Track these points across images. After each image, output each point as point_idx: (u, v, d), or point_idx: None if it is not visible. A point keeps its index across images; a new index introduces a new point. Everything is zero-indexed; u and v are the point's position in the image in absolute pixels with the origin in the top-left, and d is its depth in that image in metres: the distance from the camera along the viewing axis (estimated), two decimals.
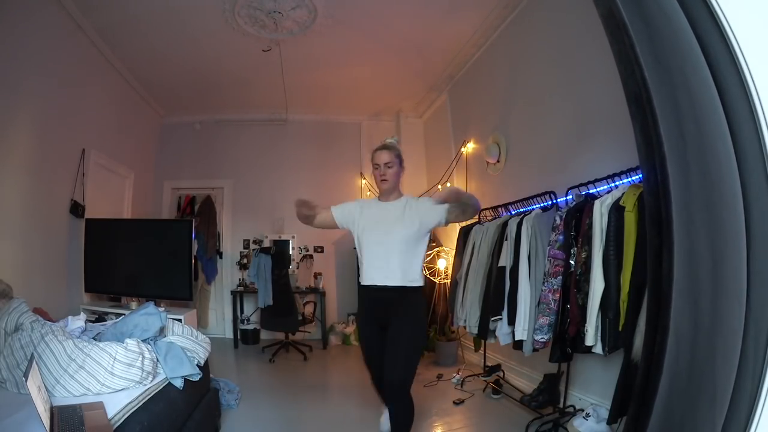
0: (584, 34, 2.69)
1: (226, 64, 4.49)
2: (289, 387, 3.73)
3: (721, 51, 0.92)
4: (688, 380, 0.91)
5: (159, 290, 3.78)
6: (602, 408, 2.36)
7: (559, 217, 2.42)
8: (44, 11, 3.18)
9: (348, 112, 5.93)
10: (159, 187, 5.75)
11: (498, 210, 3.47)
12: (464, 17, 3.76)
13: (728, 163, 0.89)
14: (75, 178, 3.70)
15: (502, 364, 3.57)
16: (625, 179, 2.22)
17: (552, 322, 2.38)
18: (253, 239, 5.81)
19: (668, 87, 0.91)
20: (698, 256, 0.89)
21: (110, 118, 4.40)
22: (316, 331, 5.42)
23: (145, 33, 3.86)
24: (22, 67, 2.99)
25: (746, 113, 0.91)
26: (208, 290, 5.70)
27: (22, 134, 3.08)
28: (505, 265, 2.77)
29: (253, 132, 5.97)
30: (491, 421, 2.88)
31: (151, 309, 2.26)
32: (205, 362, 2.41)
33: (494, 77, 4.01)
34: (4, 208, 2.90)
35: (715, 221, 0.89)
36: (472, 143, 4.44)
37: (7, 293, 2.25)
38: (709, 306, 0.89)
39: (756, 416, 0.91)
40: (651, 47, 0.92)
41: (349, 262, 5.79)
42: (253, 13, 3.62)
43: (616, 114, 2.31)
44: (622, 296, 1.97)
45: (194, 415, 2.16)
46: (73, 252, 3.74)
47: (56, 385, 1.71)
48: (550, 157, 3.16)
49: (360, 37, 4.04)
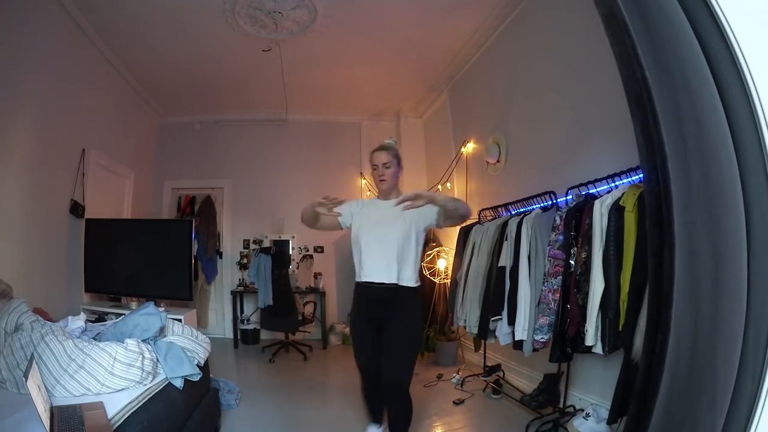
0: (585, 34, 2.69)
1: (226, 64, 4.49)
2: (289, 387, 3.73)
3: (721, 51, 0.92)
4: (688, 380, 0.91)
5: (159, 290, 3.78)
6: (602, 408, 2.36)
7: (559, 217, 2.42)
8: (44, 11, 3.18)
9: (348, 112, 5.93)
10: (159, 187, 5.74)
11: (498, 210, 3.47)
12: (464, 17, 3.76)
13: (728, 163, 0.90)
14: (75, 178, 3.70)
15: (502, 364, 3.58)
16: (625, 179, 2.22)
17: (552, 322, 2.38)
18: (253, 239, 5.81)
19: (669, 87, 0.91)
20: (699, 257, 0.90)
21: (110, 118, 4.40)
22: (316, 331, 5.42)
23: (145, 33, 3.86)
24: (22, 66, 2.99)
25: (746, 113, 0.91)
26: (208, 290, 5.70)
27: (22, 134, 3.08)
28: (505, 265, 2.77)
29: (252, 132, 5.97)
30: (491, 421, 2.88)
31: (151, 309, 2.26)
32: (205, 362, 2.41)
33: (494, 77, 4.01)
34: (4, 208, 2.90)
35: (715, 221, 0.89)
36: (472, 143, 4.44)
37: (7, 293, 2.25)
38: (710, 306, 0.90)
39: (756, 416, 0.91)
40: (651, 47, 0.92)
41: (349, 262, 5.73)
42: (253, 13, 3.62)
43: (616, 114, 2.31)
44: (622, 296, 1.97)
45: (194, 415, 2.16)
46: (73, 252, 3.74)
47: (56, 385, 1.71)
48: (550, 157, 3.16)
49: (360, 37, 4.04)
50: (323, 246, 5.85)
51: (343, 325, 5.58)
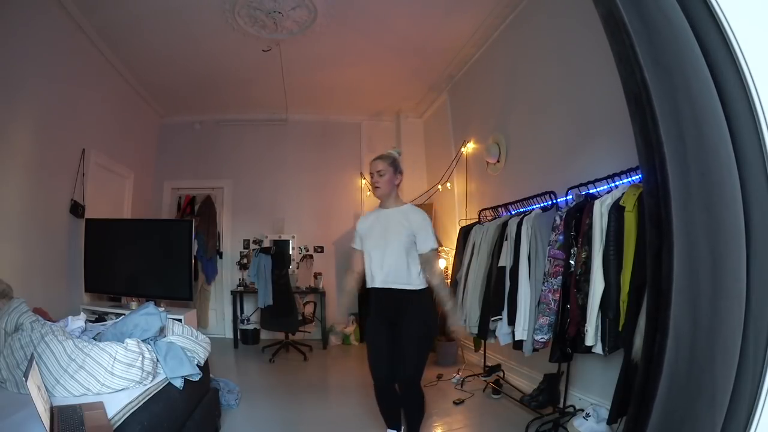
0: (584, 34, 2.69)
1: (226, 64, 4.49)
2: (289, 387, 3.73)
3: (720, 51, 0.92)
4: (687, 380, 0.91)
5: (159, 290, 3.78)
6: (602, 408, 2.36)
7: (559, 217, 2.42)
8: (45, 11, 3.19)
9: (348, 112, 5.93)
10: (159, 187, 5.74)
11: (498, 210, 3.47)
12: (464, 17, 3.76)
13: (728, 163, 0.89)
14: (75, 178, 3.70)
15: (502, 364, 3.58)
16: (625, 179, 2.22)
17: (552, 322, 2.38)
18: (253, 239, 5.82)
19: (668, 87, 0.91)
20: (698, 257, 0.89)
21: (110, 118, 4.40)
22: (316, 331, 5.42)
23: (145, 33, 3.86)
24: (23, 67, 3.00)
25: (746, 113, 0.91)
26: (208, 290, 5.70)
27: (23, 134, 3.08)
28: (505, 265, 2.77)
29: (253, 132, 5.97)
30: (491, 421, 2.88)
31: (151, 309, 2.26)
32: (205, 362, 2.41)
33: (494, 77, 4.01)
34: (4, 208, 2.90)
35: (714, 221, 0.89)
36: (472, 143, 4.44)
37: (7, 293, 2.25)
38: (709, 306, 0.89)
39: (756, 416, 0.91)
40: (650, 48, 0.92)
41: (349, 262, 5.78)
42: (253, 13, 3.62)
43: (616, 114, 2.31)
44: (622, 296, 1.97)
45: (194, 415, 2.16)
46: (73, 252, 3.74)
47: (56, 385, 1.71)
48: (550, 157, 3.16)
49: (360, 37, 4.04)
50: (323, 246, 5.85)
51: (343, 325, 5.58)
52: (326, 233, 5.88)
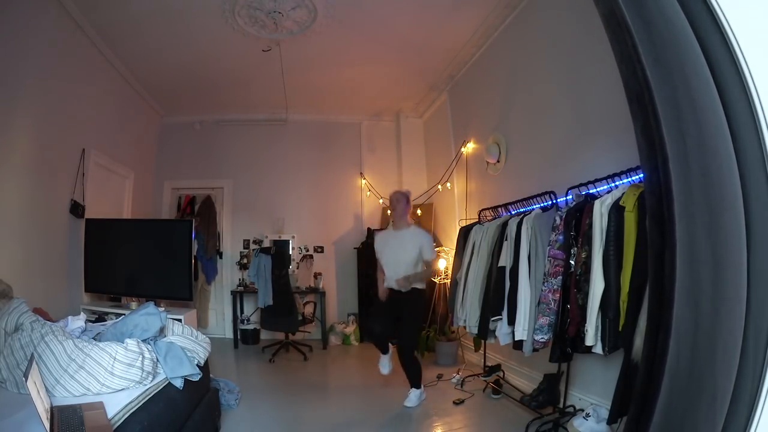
0: (585, 33, 2.69)
1: (226, 64, 4.49)
2: (289, 387, 3.73)
3: (721, 51, 0.92)
4: (688, 380, 0.91)
5: (159, 290, 3.78)
6: (602, 408, 2.36)
7: (559, 217, 2.42)
8: (45, 11, 3.19)
9: (348, 112, 5.93)
10: (159, 187, 5.74)
11: (498, 210, 3.47)
12: (464, 17, 3.76)
13: (729, 163, 0.89)
14: (75, 178, 3.70)
15: (502, 364, 3.57)
16: (625, 179, 2.22)
17: (552, 322, 2.38)
18: (253, 239, 5.81)
19: (669, 87, 0.91)
20: (699, 257, 0.89)
21: (110, 118, 4.40)
22: (316, 331, 5.42)
23: (145, 33, 3.86)
24: (23, 67, 2.99)
25: (746, 113, 0.91)
26: (208, 290, 5.69)
27: (23, 134, 3.08)
28: (505, 265, 2.77)
29: (253, 132, 5.97)
30: (491, 421, 2.88)
31: (151, 309, 2.26)
32: (205, 362, 2.41)
33: (494, 77, 4.01)
34: (4, 208, 2.90)
35: (715, 221, 0.89)
36: (472, 143, 4.44)
37: (7, 293, 2.26)
38: (710, 306, 0.89)
39: (756, 416, 0.91)
40: (651, 47, 0.92)
41: (349, 262, 5.79)
42: (253, 13, 3.62)
43: (616, 114, 2.31)
44: (622, 296, 1.97)
45: (194, 415, 2.16)
46: (73, 252, 3.73)
47: (56, 385, 1.70)
48: (550, 157, 3.16)
49: (360, 37, 4.04)
50: (323, 246, 5.85)
51: (343, 325, 5.58)
52: (326, 233, 5.88)
